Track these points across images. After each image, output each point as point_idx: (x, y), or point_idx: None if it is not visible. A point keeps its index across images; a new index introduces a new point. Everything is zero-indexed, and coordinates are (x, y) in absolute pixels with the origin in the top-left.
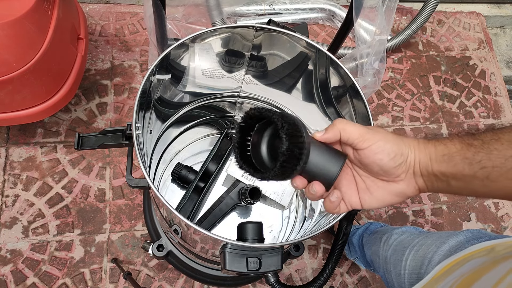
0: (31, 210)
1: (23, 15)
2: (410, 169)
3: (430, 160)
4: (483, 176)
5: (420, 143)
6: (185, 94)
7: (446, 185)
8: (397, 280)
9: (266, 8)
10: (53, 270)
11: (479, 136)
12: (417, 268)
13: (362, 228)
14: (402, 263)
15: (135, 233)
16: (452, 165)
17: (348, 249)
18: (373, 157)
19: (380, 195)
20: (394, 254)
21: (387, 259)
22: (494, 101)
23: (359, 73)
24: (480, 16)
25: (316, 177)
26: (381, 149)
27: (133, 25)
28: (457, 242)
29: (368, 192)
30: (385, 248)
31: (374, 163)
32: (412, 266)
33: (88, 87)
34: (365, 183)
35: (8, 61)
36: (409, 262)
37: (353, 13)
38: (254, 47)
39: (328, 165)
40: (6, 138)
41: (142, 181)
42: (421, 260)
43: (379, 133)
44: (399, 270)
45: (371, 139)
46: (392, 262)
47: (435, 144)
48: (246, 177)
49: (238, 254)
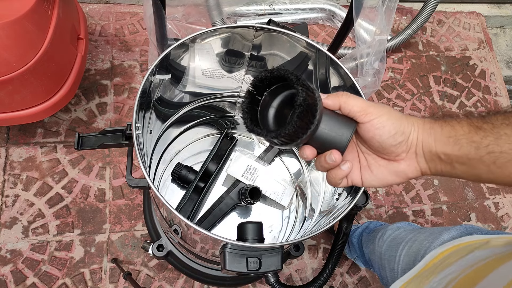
0: (31, 210)
1: (23, 15)
2: (412, 148)
3: (435, 141)
4: (489, 161)
5: (426, 123)
6: (185, 94)
7: (450, 168)
8: (391, 275)
9: (266, 8)
10: (53, 270)
11: (489, 119)
12: (410, 263)
13: (361, 227)
14: (396, 259)
15: (135, 233)
16: (458, 148)
17: (348, 248)
18: (373, 131)
19: (380, 173)
20: (389, 249)
21: (381, 255)
22: (494, 101)
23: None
24: (480, 16)
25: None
26: (381, 125)
27: (133, 25)
28: (450, 237)
29: (369, 169)
30: (380, 244)
31: (373, 138)
32: (405, 262)
33: (88, 87)
34: (367, 160)
35: (8, 61)
36: (403, 257)
37: (353, 13)
38: (254, 47)
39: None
40: (6, 138)
41: (142, 181)
42: (414, 256)
43: (383, 108)
44: (392, 266)
45: (373, 113)
46: (386, 257)
47: (441, 125)
48: (246, 177)
49: (238, 254)
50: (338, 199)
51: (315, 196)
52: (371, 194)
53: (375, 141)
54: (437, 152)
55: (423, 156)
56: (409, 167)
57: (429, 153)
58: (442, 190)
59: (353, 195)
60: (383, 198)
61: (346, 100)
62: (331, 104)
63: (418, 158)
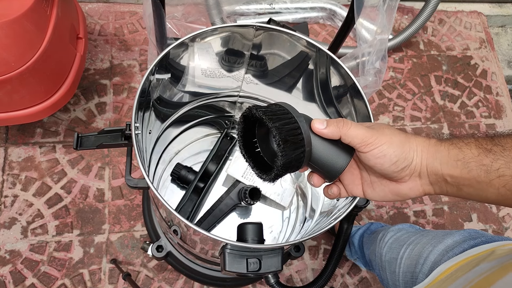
0: (30, 211)
1: (22, 15)
2: (415, 172)
3: (441, 164)
4: (499, 184)
5: (430, 146)
6: (184, 93)
7: (456, 190)
8: (391, 278)
9: (266, 7)
10: (52, 270)
11: (498, 141)
12: (412, 266)
13: (362, 229)
14: (397, 261)
15: (134, 234)
16: (467, 172)
17: (349, 249)
18: (374, 161)
19: (382, 192)
20: (389, 251)
21: (382, 257)
22: (495, 101)
23: (360, 73)
24: (481, 15)
25: (320, 170)
26: (382, 154)
27: (132, 25)
28: (453, 241)
29: (372, 186)
30: (381, 245)
31: (375, 166)
32: (407, 265)
33: (87, 86)
34: (369, 178)
35: (7, 61)
36: (404, 260)
37: (354, 12)
38: (254, 46)
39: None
40: (5, 138)
41: (141, 182)
42: (416, 259)
43: (384, 136)
44: (393, 268)
45: (373, 144)
46: (387, 259)
47: (448, 148)
48: (246, 177)
49: (238, 255)
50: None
51: (316, 197)
52: None
53: (377, 168)
54: (443, 174)
55: (427, 179)
56: (411, 190)
57: (435, 176)
58: None
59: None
60: None
61: (346, 132)
62: (331, 135)
63: (422, 181)
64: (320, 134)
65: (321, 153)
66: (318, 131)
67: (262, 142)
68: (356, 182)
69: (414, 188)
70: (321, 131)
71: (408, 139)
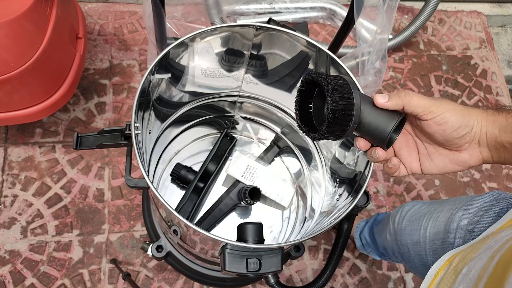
0: (30, 211)
1: (21, 14)
2: (475, 139)
3: (499, 131)
4: None
5: (489, 115)
6: (184, 93)
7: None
8: (414, 249)
9: (266, 7)
10: (51, 270)
11: None
12: (440, 233)
13: (370, 221)
14: (420, 232)
15: (134, 234)
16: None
17: (360, 243)
18: (436, 127)
19: (441, 162)
20: (409, 224)
21: (401, 231)
22: (495, 101)
23: (360, 72)
24: (481, 15)
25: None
26: (444, 121)
27: (132, 24)
28: (484, 202)
29: (429, 158)
30: (398, 221)
31: (436, 133)
32: (433, 233)
33: (87, 86)
34: (426, 149)
35: (6, 61)
36: (429, 229)
37: (354, 12)
38: (254, 46)
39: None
40: (4, 138)
41: (141, 181)
42: (444, 225)
43: (445, 105)
44: (417, 239)
45: (435, 112)
46: (407, 232)
47: (506, 117)
48: (246, 177)
49: (238, 255)
50: (339, 200)
51: (316, 197)
52: (372, 195)
53: (438, 135)
54: (502, 141)
55: (486, 146)
56: (472, 157)
57: (494, 143)
58: (443, 190)
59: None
60: (384, 199)
61: (409, 102)
62: (394, 106)
63: (481, 148)
64: (383, 107)
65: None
66: (381, 104)
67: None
68: (414, 155)
69: (474, 155)
70: (384, 104)
71: (467, 109)
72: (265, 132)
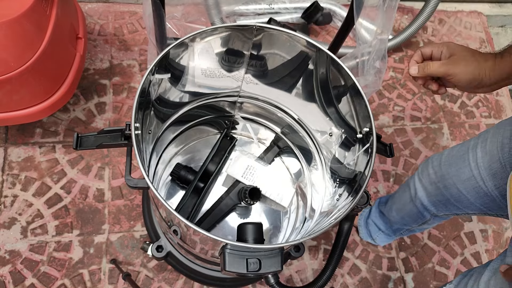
0: (30, 211)
1: (21, 15)
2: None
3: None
4: None
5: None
6: (184, 93)
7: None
8: (466, 186)
9: (266, 7)
10: (52, 271)
11: None
12: (495, 156)
13: (374, 206)
14: (470, 167)
15: (134, 234)
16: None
17: (366, 230)
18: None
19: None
20: (452, 166)
21: (444, 177)
22: (495, 101)
23: (360, 73)
24: (481, 15)
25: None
26: (458, 80)
27: (132, 24)
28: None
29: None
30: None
31: (455, 85)
32: (487, 160)
33: (87, 86)
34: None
35: (6, 61)
36: (480, 159)
37: (353, 12)
38: (254, 46)
39: None
40: (4, 138)
41: (141, 182)
42: (497, 149)
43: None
44: (468, 175)
45: (452, 75)
46: (453, 174)
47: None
48: (246, 177)
49: (238, 255)
50: (339, 200)
51: (316, 197)
52: (372, 195)
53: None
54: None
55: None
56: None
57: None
58: None
59: (353, 196)
60: None
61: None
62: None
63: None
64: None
65: None
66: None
67: None
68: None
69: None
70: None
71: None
72: (265, 132)
